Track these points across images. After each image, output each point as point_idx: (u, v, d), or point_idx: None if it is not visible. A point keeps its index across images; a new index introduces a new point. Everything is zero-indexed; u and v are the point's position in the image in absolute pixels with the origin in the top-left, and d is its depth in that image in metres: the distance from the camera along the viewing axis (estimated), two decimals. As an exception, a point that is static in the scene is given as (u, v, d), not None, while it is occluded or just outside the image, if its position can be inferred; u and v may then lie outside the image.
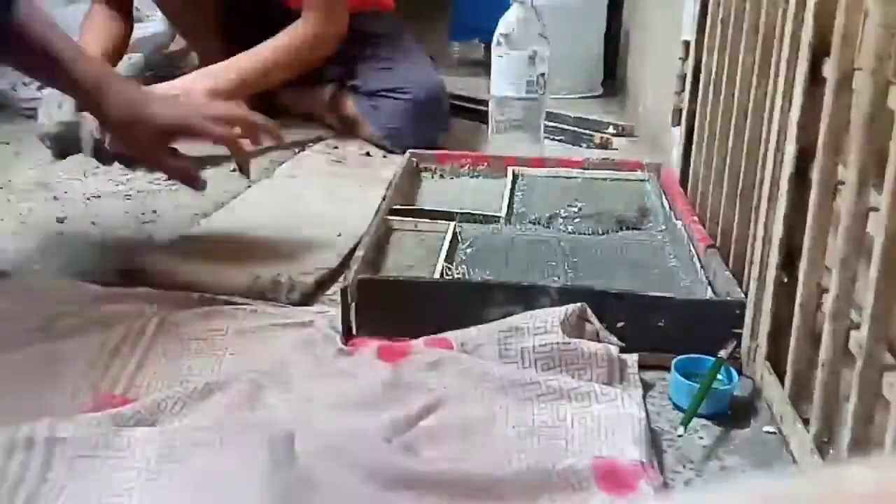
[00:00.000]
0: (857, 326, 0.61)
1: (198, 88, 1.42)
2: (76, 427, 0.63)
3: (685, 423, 0.72)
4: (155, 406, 0.69)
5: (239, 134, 1.11)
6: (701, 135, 1.08)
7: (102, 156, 1.25)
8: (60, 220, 1.15)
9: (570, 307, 0.81)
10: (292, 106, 1.76)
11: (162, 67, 1.88)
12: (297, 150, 1.55)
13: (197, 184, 1.06)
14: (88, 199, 1.26)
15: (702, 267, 0.94)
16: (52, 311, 0.84)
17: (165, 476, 0.62)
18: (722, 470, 0.69)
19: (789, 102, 0.74)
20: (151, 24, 1.87)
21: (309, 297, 0.96)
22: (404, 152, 1.36)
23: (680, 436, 0.72)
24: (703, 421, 0.75)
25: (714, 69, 1.03)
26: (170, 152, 1.05)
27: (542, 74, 1.60)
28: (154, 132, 1.00)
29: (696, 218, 1.03)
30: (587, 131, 1.68)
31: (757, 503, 0.23)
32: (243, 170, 1.09)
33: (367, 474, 0.62)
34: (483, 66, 2.18)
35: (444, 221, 1.07)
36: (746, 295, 0.83)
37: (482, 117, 1.74)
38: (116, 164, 1.29)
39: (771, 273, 0.77)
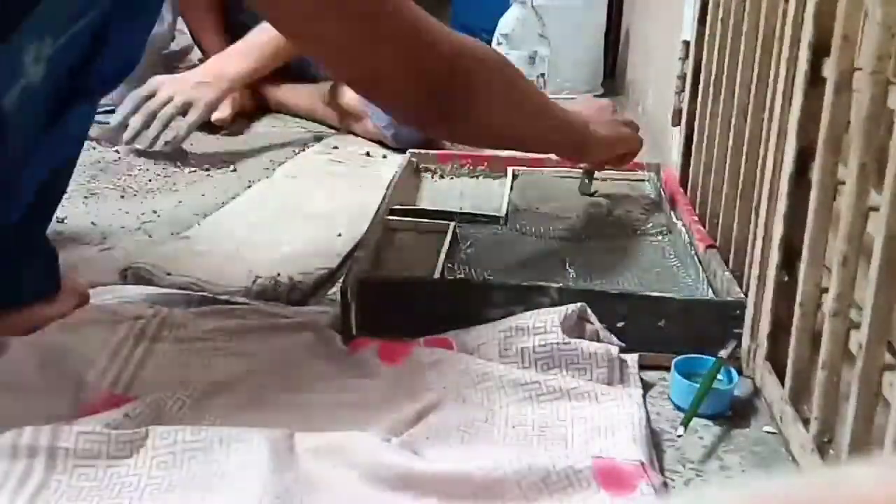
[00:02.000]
0: (857, 326, 0.61)
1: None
2: (78, 435, 0.63)
3: (685, 423, 0.73)
4: (155, 406, 0.69)
5: None
6: (701, 135, 1.08)
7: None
8: (60, 220, 1.15)
9: (570, 307, 0.81)
10: (290, 103, 1.76)
11: (161, 66, 1.88)
12: (296, 150, 1.55)
13: None
14: (88, 198, 1.26)
15: (702, 267, 0.94)
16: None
17: (166, 481, 0.62)
18: (722, 470, 0.69)
19: (789, 102, 0.74)
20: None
21: (309, 297, 0.96)
22: (405, 150, 1.36)
23: (680, 436, 0.72)
24: (703, 421, 0.75)
25: (714, 69, 1.03)
26: None
27: (542, 74, 1.60)
28: None
29: (696, 218, 1.03)
30: (587, 131, 1.68)
31: (757, 503, 0.23)
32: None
33: (367, 474, 0.62)
34: (483, 66, 2.18)
35: (444, 221, 1.07)
36: (746, 295, 0.83)
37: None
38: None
39: (771, 273, 0.77)
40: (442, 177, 1.30)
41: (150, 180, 1.35)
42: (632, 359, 0.80)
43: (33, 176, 0.74)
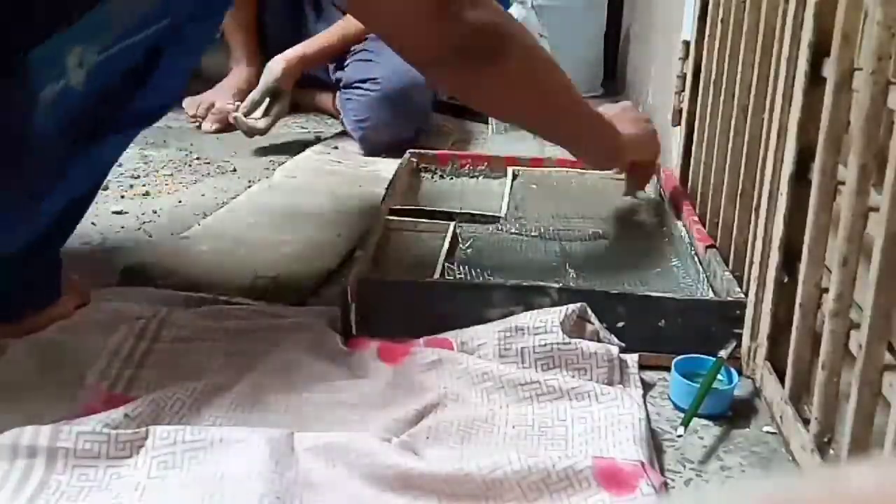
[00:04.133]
0: (857, 326, 0.61)
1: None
2: (78, 435, 0.63)
3: (685, 423, 0.72)
4: (156, 406, 0.69)
5: None
6: (701, 135, 1.08)
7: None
8: (60, 220, 1.16)
9: (570, 307, 0.81)
10: (308, 103, 1.82)
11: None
12: (296, 151, 1.55)
13: None
14: (88, 199, 1.26)
15: (702, 267, 0.94)
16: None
17: (166, 481, 0.62)
18: (722, 470, 0.69)
19: (789, 102, 0.74)
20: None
21: (309, 297, 0.96)
22: (373, 153, 1.47)
23: (680, 436, 0.72)
24: (703, 421, 0.75)
25: (714, 69, 1.03)
26: None
27: (542, 74, 1.60)
28: None
29: (696, 218, 1.03)
30: (587, 131, 1.68)
31: (757, 503, 0.23)
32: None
33: (367, 474, 0.62)
34: (483, 66, 2.19)
35: (444, 221, 1.07)
36: (746, 295, 0.83)
37: (482, 117, 1.74)
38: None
39: (771, 273, 0.77)
40: (442, 177, 1.30)
41: (149, 180, 1.35)
42: (632, 359, 0.80)
43: (54, 204, 0.74)
